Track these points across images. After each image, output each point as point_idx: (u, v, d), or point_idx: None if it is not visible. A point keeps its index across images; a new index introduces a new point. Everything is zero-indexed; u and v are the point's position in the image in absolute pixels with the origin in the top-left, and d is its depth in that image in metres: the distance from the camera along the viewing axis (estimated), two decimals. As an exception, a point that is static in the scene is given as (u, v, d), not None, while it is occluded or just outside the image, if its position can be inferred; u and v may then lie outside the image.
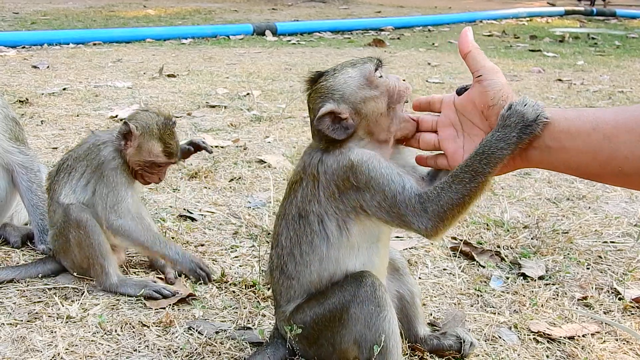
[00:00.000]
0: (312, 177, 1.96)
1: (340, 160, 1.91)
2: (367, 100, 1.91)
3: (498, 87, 1.74)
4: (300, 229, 2.01)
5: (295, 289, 2.07)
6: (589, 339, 2.46)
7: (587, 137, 1.56)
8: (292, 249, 2.03)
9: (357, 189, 1.89)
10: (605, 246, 3.30)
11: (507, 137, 1.68)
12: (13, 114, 3.08)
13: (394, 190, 1.85)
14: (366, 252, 2.03)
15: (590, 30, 15.93)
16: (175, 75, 7.71)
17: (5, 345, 2.26)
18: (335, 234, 1.97)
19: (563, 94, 7.43)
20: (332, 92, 1.92)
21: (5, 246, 3.09)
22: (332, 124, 1.90)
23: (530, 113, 1.66)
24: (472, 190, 1.77)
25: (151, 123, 2.69)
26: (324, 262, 2.00)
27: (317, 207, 1.97)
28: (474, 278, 2.93)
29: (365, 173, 1.87)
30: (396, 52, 10.86)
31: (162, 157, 2.70)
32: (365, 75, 1.93)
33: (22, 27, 12.20)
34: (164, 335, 2.37)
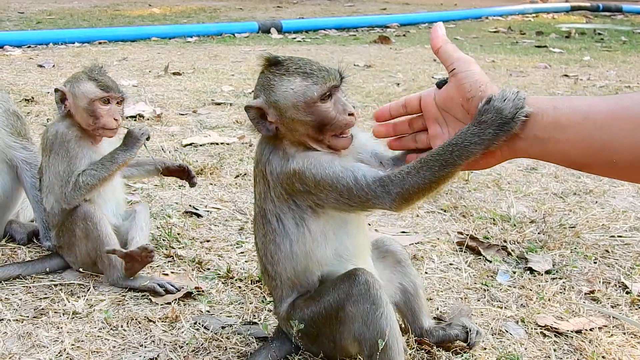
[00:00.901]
0: (262, 176, 1.99)
1: (283, 166, 1.93)
2: (295, 121, 1.89)
3: (474, 78, 1.69)
4: (264, 229, 2.03)
5: (280, 288, 2.09)
6: (596, 332, 2.45)
7: (578, 126, 1.51)
8: (265, 250, 2.06)
9: (307, 192, 1.91)
10: (613, 240, 3.28)
11: (482, 133, 1.64)
12: (14, 109, 3.05)
13: (346, 184, 1.85)
14: (334, 238, 2.01)
15: (597, 25, 15.85)
16: (180, 73, 7.71)
17: (11, 341, 2.27)
18: (294, 230, 1.98)
19: (569, 89, 7.40)
20: (270, 90, 1.91)
21: (12, 243, 3.09)
22: (259, 117, 1.92)
23: (509, 109, 1.60)
24: (438, 178, 1.76)
25: (77, 74, 2.73)
26: (293, 259, 2.01)
27: (272, 206, 1.99)
28: (481, 272, 2.91)
29: (311, 178, 1.88)
30: (402, 49, 10.84)
31: (97, 91, 2.65)
32: (306, 99, 1.88)
33: (28, 26, 12.23)
34: (170, 331, 2.37)
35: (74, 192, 2.62)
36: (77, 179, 2.60)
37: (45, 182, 2.75)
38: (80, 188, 2.61)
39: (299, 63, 1.92)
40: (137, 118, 5.39)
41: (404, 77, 7.78)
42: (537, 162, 4.52)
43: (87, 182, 2.61)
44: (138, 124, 2.67)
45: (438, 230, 3.38)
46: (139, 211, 2.89)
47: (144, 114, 5.50)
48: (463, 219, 3.52)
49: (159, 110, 5.66)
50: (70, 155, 2.64)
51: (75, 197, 2.64)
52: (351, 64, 8.91)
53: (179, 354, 2.22)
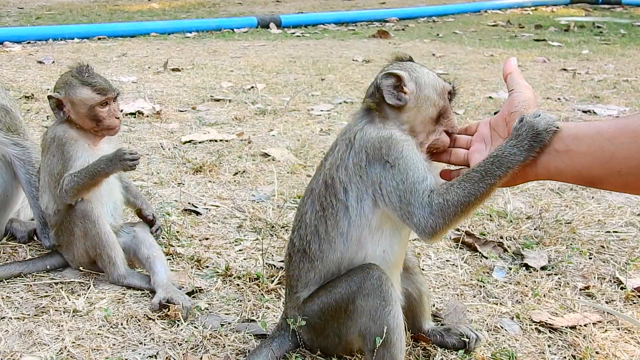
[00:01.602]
0: (347, 142, 2.01)
1: (380, 132, 1.98)
2: (429, 99, 2.03)
3: (524, 98, 1.90)
4: (326, 201, 2.02)
5: (317, 271, 2.07)
6: (590, 328, 2.48)
7: (591, 140, 1.68)
8: (317, 226, 2.04)
9: (385, 163, 1.93)
10: (608, 236, 3.31)
11: (519, 144, 1.77)
12: (3, 103, 3.00)
13: (416, 177, 1.90)
14: (388, 238, 2.04)
15: (596, 19, 15.83)
16: (179, 69, 7.72)
17: (12, 339, 2.30)
18: (355, 206, 1.98)
19: (567, 83, 7.41)
20: (411, 70, 2.06)
21: (12, 241, 3.12)
22: (393, 87, 2.00)
23: (541, 123, 1.76)
24: (479, 191, 1.82)
25: (67, 79, 2.71)
26: (346, 240, 2.01)
27: (344, 175, 1.99)
28: (477, 269, 2.94)
29: (399, 150, 1.93)
30: (400, 44, 10.84)
31: (96, 96, 2.66)
32: (445, 85, 2.08)
33: (27, 22, 12.24)
34: (169, 328, 2.40)
35: (61, 194, 2.66)
36: (63, 182, 2.64)
37: (41, 181, 2.78)
38: (66, 192, 2.65)
39: None
40: (137, 115, 5.42)
41: (403, 72, 7.75)
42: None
43: (70, 187, 2.63)
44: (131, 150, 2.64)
45: (430, 233, 3.40)
46: (138, 230, 2.89)
47: (143, 110, 5.52)
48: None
49: (158, 107, 5.68)
50: (65, 158, 2.66)
51: (63, 198, 2.67)
52: (350, 59, 8.93)
53: (177, 351, 2.25)
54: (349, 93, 6.67)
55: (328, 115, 5.73)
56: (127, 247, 2.85)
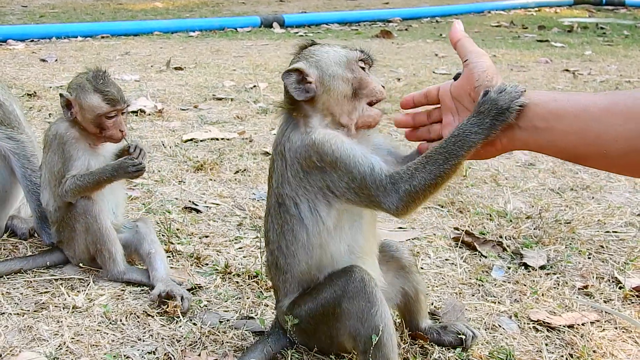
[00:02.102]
0: (281, 155, 1.98)
1: (303, 139, 1.93)
2: (337, 76, 1.95)
3: (482, 68, 1.80)
4: (282, 219, 2.02)
5: (290, 282, 2.09)
6: (588, 327, 2.48)
7: (575, 118, 1.59)
8: (279, 242, 2.05)
9: (322, 169, 1.90)
10: (608, 236, 3.31)
11: (480, 123, 1.73)
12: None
13: (363, 171, 1.87)
14: (349, 233, 2.02)
15: (599, 20, 15.82)
16: (182, 68, 7.74)
17: (12, 334, 2.31)
18: (309, 216, 1.97)
19: (570, 84, 7.41)
20: (310, 55, 1.99)
21: (13, 238, 3.13)
22: (297, 82, 1.94)
23: (504, 100, 1.69)
24: (444, 172, 1.81)
25: (82, 82, 2.70)
26: (308, 249, 2.01)
27: (289, 190, 1.97)
28: (476, 268, 2.95)
29: (329, 153, 1.88)
30: (404, 44, 10.85)
31: (104, 106, 2.65)
32: (349, 57, 1.98)
33: (31, 20, 12.27)
34: (167, 325, 2.41)
35: (62, 194, 2.68)
36: (66, 183, 2.65)
37: (42, 177, 2.80)
38: (68, 192, 2.66)
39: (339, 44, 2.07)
40: (139, 113, 5.44)
41: (405, 71, 7.79)
42: (535, 158, 4.55)
43: (73, 189, 2.65)
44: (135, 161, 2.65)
45: (435, 226, 3.41)
46: (141, 225, 2.89)
47: (145, 109, 5.54)
48: (460, 215, 3.55)
49: (160, 106, 5.70)
50: (65, 157, 2.67)
51: (65, 197, 2.69)
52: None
53: (176, 347, 2.26)
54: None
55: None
56: (128, 242, 2.86)
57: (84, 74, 2.75)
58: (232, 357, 2.21)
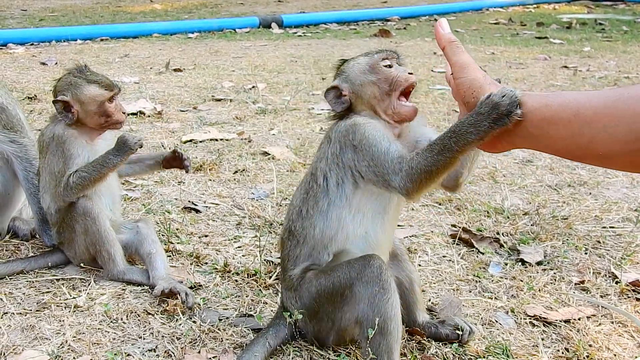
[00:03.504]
0: (327, 138, 2.20)
1: (346, 122, 2.15)
2: (364, 83, 2.17)
3: (467, 85, 1.79)
4: (309, 186, 2.21)
5: (301, 248, 2.21)
6: (584, 321, 2.51)
7: (568, 123, 1.59)
8: (301, 207, 2.22)
9: (354, 147, 2.08)
10: (605, 231, 3.34)
11: (478, 124, 1.78)
12: (0, 100, 3.00)
13: (380, 150, 2.03)
14: (370, 221, 2.15)
15: (598, 15, 15.83)
16: (181, 70, 7.77)
17: (15, 333, 2.34)
18: (334, 190, 2.14)
19: (568, 80, 7.43)
20: (342, 72, 2.24)
21: (15, 239, 3.16)
22: (335, 97, 2.21)
23: (504, 106, 1.70)
24: (439, 162, 1.90)
25: (70, 80, 2.73)
26: (326, 218, 2.15)
27: (324, 165, 2.17)
28: (473, 264, 2.97)
29: (361, 132, 2.08)
30: (402, 42, 10.87)
31: (104, 92, 2.71)
32: (370, 63, 2.18)
33: (31, 24, 12.30)
34: (168, 323, 2.44)
35: (66, 192, 2.69)
36: (68, 180, 2.67)
37: (42, 182, 2.81)
38: (72, 188, 2.68)
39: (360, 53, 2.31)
40: (138, 115, 5.46)
41: (404, 70, 7.77)
42: (533, 155, 4.57)
43: (78, 183, 2.66)
44: (131, 134, 2.70)
45: (432, 223, 3.44)
46: (142, 226, 2.91)
47: (144, 110, 5.57)
48: (457, 212, 3.58)
49: (159, 107, 5.72)
50: (66, 155, 2.69)
51: (67, 195, 2.70)
52: (351, 58, 8.95)
53: (176, 345, 2.29)
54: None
55: (328, 114, 5.75)
56: (129, 243, 2.88)
57: (66, 75, 2.77)
58: (232, 354, 2.24)
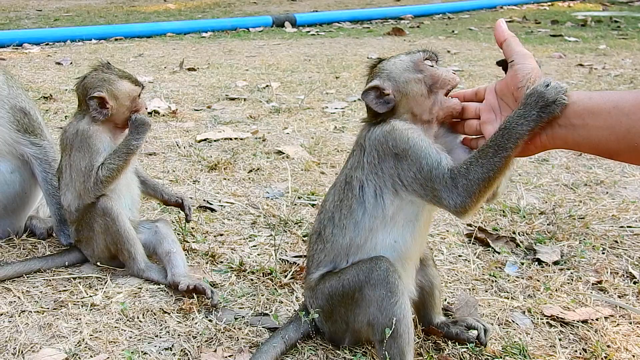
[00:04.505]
0: (360, 146, 2.12)
1: (383, 128, 2.06)
2: (409, 81, 2.07)
3: (527, 70, 1.86)
4: (344, 194, 2.14)
5: (325, 254, 2.18)
6: (602, 322, 2.49)
7: (608, 114, 1.66)
8: (333, 212, 2.16)
9: (396, 155, 2.01)
10: (622, 231, 3.31)
11: (527, 114, 1.79)
12: (22, 105, 3.07)
13: (431, 163, 1.95)
14: (401, 229, 2.10)
15: (613, 13, 15.69)
16: (195, 69, 7.80)
17: (33, 331, 2.36)
18: (372, 201, 2.08)
19: (584, 78, 7.37)
20: (382, 71, 2.12)
21: (32, 238, 3.19)
22: (376, 98, 2.08)
23: (551, 94, 1.76)
24: (496, 165, 1.86)
25: (102, 77, 2.75)
26: (358, 227, 2.10)
27: (360, 174, 2.09)
28: (489, 264, 2.96)
29: (404, 140, 2.00)
30: (415, 41, 10.83)
31: (136, 88, 2.77)
32: (414, 60, 2.11)
33: (46, 24, 12.40)
34: (184, 322, 2.45)
35: (96, 186, 2.70)
36: (97, 173, 2.68)
37: (64, 180, 2.82)
38: (102, 181, 2.69)
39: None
40: (153, 114, 5.49)
41: (417, 69, 7.75)
42: (549, 154, 4.53)
43: (107, 175, 2.68)
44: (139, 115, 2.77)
45: (448, 222, 3.42)
46: (160, 226, 2.92)
47: (159, 110, 5.59)
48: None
49: (174, 106, 5.75)
50: (92, 150, 2.71)
51: (98, 189, 2.71)
52: (365, 57, 8.94)
53: (192, 344, 2.29)
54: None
55: (342, 113, 5.76)
56: (147, 243, 2.89)
57: (94, 72, 2.79)
58: (248, 353, 2.24)
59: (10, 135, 3.01)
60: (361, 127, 2.19)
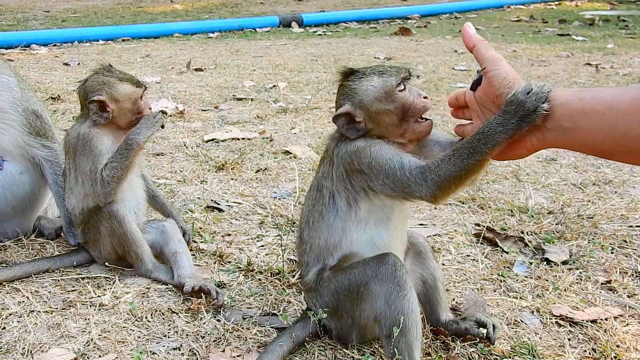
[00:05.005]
0: (329, 158, 2.16)
1: (348, 146, 2.10)
2: (381, 112, 2.06)
3: (502, 77, 1.82)
4: (316, 200, 2.20)
5: (308, 254, 2.24)
6: (611, 322, 2.47)
7: (602, 116, 1.58)
8: (308, 216, 2.23)
9: (361, 172, 2.06)
10: (631, 230, 3.29)
11: (506, 123, 1.78)
12: (35, 107, 3.08)
13: (393, 167, 1.99)
14: (374, 228, 2.14)
15: (621, 12, 15.61)
16: (202, 69, 7.81)
17: (41, 331, 2.37)
18: (344, 208, 2.14)
19: (591, 78, 7.34)
20: (353, 95, 2.08)
21: (41, 238, 3.20)
22: (347, 123, 2.09)
23: (531, 103, 1.72)
24: (468, 166, 1.88)
25: (102, 80, 2.74)
26: (331, 229, 2.16)
27: (330, 184, 2.15)
28: (497, 264, 2.95)
29: (367, 156, 2.04)
30: (422, 40, 10.82)
31: (137, 90, 2.76)
32: (386, 88, 2.06)
33: (53, 25, 12.45)
34: (192, 322, 2.45)
35: (104, 188, 2.69)
36: (102, 175, 2.68)
37: (68, 183, 2.83)
38: (108, 182, 2.68)
39: (372, 67, 2.14)
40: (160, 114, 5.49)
41: (425, 68, 7.77)
42: (557, 153, 4.52)
43: (112, 175, 2.67)
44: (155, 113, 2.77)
45: (456, 222, 3.41)
46: (167, 226, 2.93)
47: (166, 110, 5.61)
48: (481, 211, 3.55)
49: (181, 107, 5.76)
50: (94, 153, 2.70)
51: (108, 192, 2.69)
52: (372, 57, 8.93)
53: (200, 344, 2.29)
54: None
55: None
56: (154, 243, 2.90)
57: (94, 75, 2.78)
58: (256, 352, 2.24)
59: (22, 138, 3.03)
60: (331, 135, 2.20)
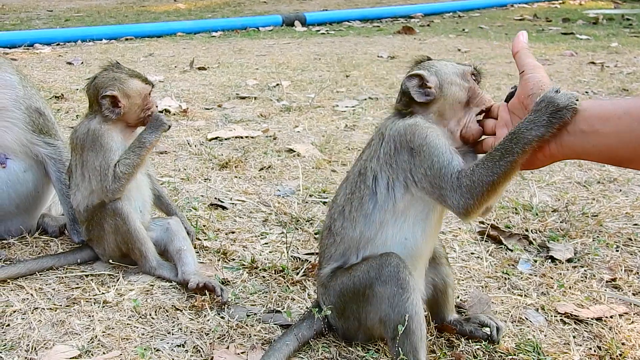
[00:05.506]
0: (380, 135, 2.12)
1: (406, 121, 2.07)
2: (454, 84, 2.10)
3: (537, 79, 1.89)
4: (356, 186, 2.14)
5: (336, 247, 2.18)
6: (616, 319, 2.47)
7: (618, 120, 1.62)
8: (344, 205, 2.16)
9: (411, 150, 2.01)
10: (636, 228, 3.28)
11: (537, 120, 1.79)
12: (37, 105, 3.09)
13: (441, 161, 1.96)
14: (412, 226, 2.09)
15: (625, 11, 15.57)
16: (205, 68, 7.81)
17: (46, 328, 2.37)
18: (384, 192, 2.08)
19: (596, 76, 7.32)
20: (430, 66, 2.15)
21: (44, 235, 3.20)
22: (418, 87, 2.08)
23: (562, 99, 1.76)
24: (501, 169, 1.86)
25: (113, 76, 2.76)
26: (369, 220, 2.10)
27: (375, 164, 2.10)
28: (502, 261, 2.94)
29: (422, 137, 2.00)
30: (426, 39, 10.81)
31: (147, 86, 2.79)
32: (463, 69, 2.14)
33: (56, 24, 12.46)
34: (196, 319, 2.45)
35: (115, 184, 2.69)
36: (115, 171, 2.68)
37: (74, 180, 2.83)
38: (120, 178, 2.68)
39: None
40: (164, 113, 5.49)
41: (428, 67, 7.72)
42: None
43: (124, 171, 2.68)
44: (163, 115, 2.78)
45: (460, 220, 3.40)
46: (172, 223, 2.93)
47: (170, 108, 5.61)
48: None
49: (184, 105, 5.76)
50: (105, 149, 2.71)
51: (117, 188, 2.70)
52: (375, 56, 8.93)
53: (204, 341, 2.29)
54: (373, 89, 6.68)
55: (353, 111, 5.75)
56: (159, 240, 2.90)
57: (104, 72, 2.80)
58: (260, 349, 2.23)
59: (26, 136, 3.03)
60: (386, 117, 2.19)
